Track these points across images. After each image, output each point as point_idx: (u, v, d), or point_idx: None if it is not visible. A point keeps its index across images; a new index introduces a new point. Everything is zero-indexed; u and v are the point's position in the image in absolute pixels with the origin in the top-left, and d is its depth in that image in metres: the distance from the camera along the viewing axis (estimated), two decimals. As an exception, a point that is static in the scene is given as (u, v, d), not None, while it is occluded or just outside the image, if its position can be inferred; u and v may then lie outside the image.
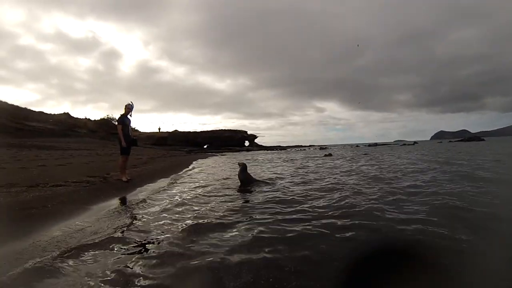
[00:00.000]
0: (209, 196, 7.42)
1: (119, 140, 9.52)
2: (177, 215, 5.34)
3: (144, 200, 6.56)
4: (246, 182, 8.95)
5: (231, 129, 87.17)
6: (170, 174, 13.09)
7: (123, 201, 6.74)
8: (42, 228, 4.28)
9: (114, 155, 18.77)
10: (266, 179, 10.02)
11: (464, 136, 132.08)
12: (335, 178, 10.46)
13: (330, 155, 32.00)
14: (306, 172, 12.77)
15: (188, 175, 13.16)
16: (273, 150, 79.50)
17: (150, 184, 9.71)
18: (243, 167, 9.23)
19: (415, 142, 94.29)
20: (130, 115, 9.81)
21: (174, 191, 8.48)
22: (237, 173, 9.28)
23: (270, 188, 8.39)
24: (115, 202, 6.57)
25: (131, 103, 9.76)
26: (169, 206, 6.08)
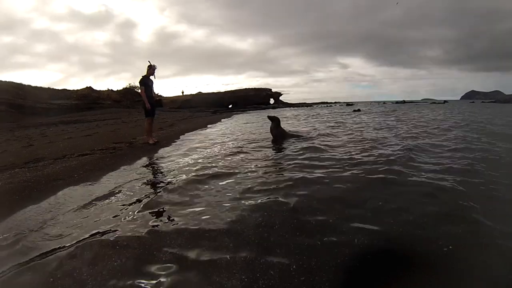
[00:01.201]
0: (242, 148, 7.19)
1: (143, 103, 9.21)
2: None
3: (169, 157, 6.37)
4: (280, 137, 8.50)
5: (255, 87, 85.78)
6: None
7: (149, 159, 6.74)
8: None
9: (139, 121, 18.67)
10: (300, 133, 9.52)
11: (498, 97, 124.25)
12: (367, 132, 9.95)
13: (358, 110, 31.39)
14: (337, 125, 12.48)
15: (216, 131, 12.99)
16: (299, 107, 78.16)
17: (176, 141, 9.63)
18: (276, 122, 8.71)
19: (445, 101, 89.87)
20: (154, 77, 9.41)
21: (204, 145, 8.31)
22: (270, 128, 8.80)
23: (306, 142, 7.93)
24: (140, 161, 6.47)
25: (153, 64, 9.30)
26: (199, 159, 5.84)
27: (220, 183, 4.42)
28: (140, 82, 9.21)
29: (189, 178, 4.67)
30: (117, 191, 4.26)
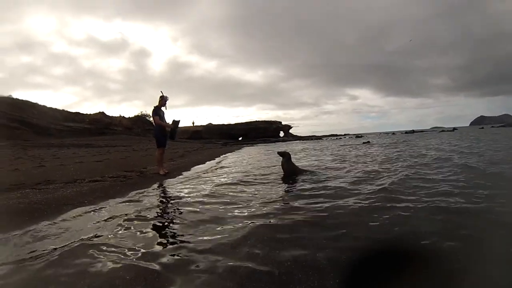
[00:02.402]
0: (251, 183, 7.17)
1: (154, 133, 9.37)
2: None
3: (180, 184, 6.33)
4: (291, 173, 8.45)
5: (265, 120, 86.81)
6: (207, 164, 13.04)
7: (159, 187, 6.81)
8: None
9: (150, 150, 18.89)
10: (310, 169, 9.43)
11: (508, 121, 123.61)
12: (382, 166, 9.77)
13: (368, 142, 31.24)
14: (348, 160, 12.34)
15: (226, 164, 13.02)
16: (308, 140, 78.58)
17: (187, 172, 9.67)
18: (287, 157, 8.71)
19: (454, 129, 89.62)
20: (165, 107, 9.59)
21: (212, 176, 8.32)
22: (281, 163, 8.79)
23: (316, 178, 7.85)
24: (150, 191, 6.44)
25: (165, 95, 9.52)
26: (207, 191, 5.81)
27: (229, 216, 4.38)
28: (153, 112, 9.38)
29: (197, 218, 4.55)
30: (125, 225, 4.18)
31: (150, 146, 21.98)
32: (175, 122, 9.53)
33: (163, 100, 9.42)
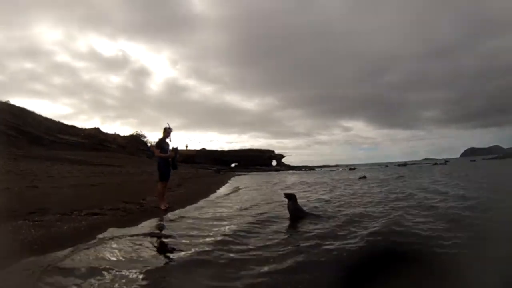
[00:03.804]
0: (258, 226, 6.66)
1: (158, 167, 8.86)
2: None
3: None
4: (297, 216, 8.11)
5: (259, 148, 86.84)
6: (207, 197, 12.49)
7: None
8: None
9: (145, 174, 18.37)
10: (316, 211, 9.02)
11: (497, 153, 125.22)
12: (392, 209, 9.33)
13: (364, 177, 30.37)
14: (350, 199, 11.92)
15: (225, 197, 12.55)
16: (301, 170, 78.56)
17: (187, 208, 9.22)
18: (293, 200, 8.35)
19: (446, 161, 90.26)
20: (170, 139, 9.17)
21: (213, 217, 7.88)
22: (287, 205, 8.40)
23: (326, 225, 7.47)
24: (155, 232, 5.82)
25: (169, 127, 9.11)
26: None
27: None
28: (157, 145, 9.06)
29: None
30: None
31: (144, 168, 21.44)
32: (176, 150, 9.10)
33: (166, 132, 9.01)
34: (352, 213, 8.58)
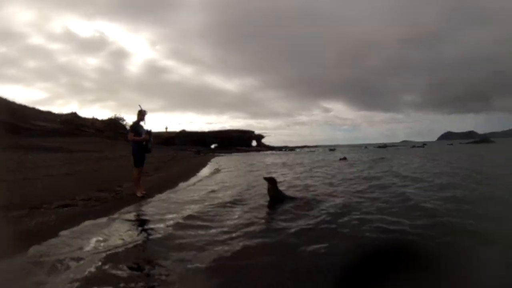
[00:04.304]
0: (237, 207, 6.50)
1: (132, 152, 8.49)
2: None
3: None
4: (277, 200, 8.02)
5: (239, 129, 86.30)
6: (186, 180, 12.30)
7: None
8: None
9: (123, 158, 17.86)
10: (295, 195, 8.90)
11: (472, 137, 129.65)
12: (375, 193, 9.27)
13: (345, 159, 30.33)
14: (332, 182, 11.87)
15: (206, 181, 12.39)
16: (281, 150, 78.83)
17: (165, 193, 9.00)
18: (273, 183, 8.23)
19: (424, 144, 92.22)
20: (144, 122, 8.78)
21: (193, 201, 7.74)
22: (267, 189, 8.28)
23: (305, 207, 7.40)
24: (128, 225, 5.49)
25: (144, 109, 8.68)
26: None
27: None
28: (131, 128, 8.60)
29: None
30: None
31: (124, 153, 20.91)
32: (150, 133, 8.76)
33: (141, 115, 8.57)
34: (332, 200, 8.51)
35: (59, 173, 10.13)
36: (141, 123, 8.64)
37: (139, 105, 8.65)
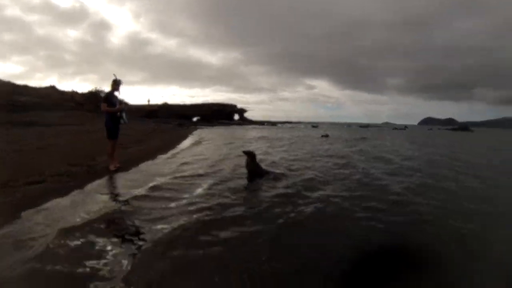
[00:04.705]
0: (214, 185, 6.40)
1: (105, 123, 8.10)
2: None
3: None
4: (255, 173, 7.90)
5: (221, 103, 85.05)
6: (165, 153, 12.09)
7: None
8: None
9: (101, 131, 17.50)
10: (274, 170, 8.79)
11: (451, 124, 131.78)
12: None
13: (327, 136, 30.31)
14: (309, 158, 11.90)
15: (184, 154, 12.26)
16: (263, 125, 78.78)
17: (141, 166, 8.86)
18: (252, 157, 8.07)
19: (405, 127, 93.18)
20: (119, 92, 8.34)
21: (170, 175, 7.72)
22: (245, 162, 8.12)
23: (281, 181, 7.42)
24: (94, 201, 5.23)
25: (118, 79, 8.22)
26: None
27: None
28: (104, 98, 8.16)
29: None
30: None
31: (102, 125, 20.48)
32: (123, 103, 8.40)
33: (116, 85, 8.13)
34: (307, 174, 8.48)
35: (30, 147, 9.62)
36: (116, 93, 8.23)
37: (114, 74, 8.20)
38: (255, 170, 7.98)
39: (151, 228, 4.05)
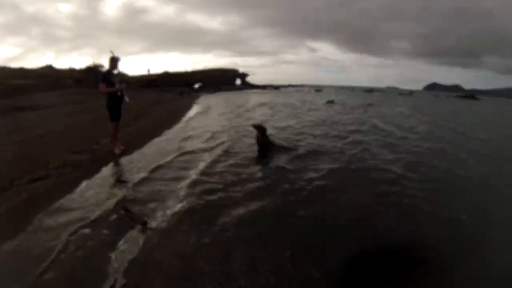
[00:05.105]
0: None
1: (106, 104, 7.69)
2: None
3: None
4: (266, 148, 7.67)
5: (222, 68, 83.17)
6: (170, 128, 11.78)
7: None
8: None
9: (103, 108, 17.09)
10: (285, 144, 8.53)
11: (457, 91, 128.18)
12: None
13: (332, 102, 29.44)
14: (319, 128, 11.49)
15: (190, 127, 12.00)
16: (265, 89, 77.74)
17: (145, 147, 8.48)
18: (262, 131, 7.80)
19: (411, 92, 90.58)
20: (117, 70, 7.87)
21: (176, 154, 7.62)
22: (256, 137, 7.86)
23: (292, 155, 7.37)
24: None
25: (116, 56, 7.64)
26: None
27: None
28: (102, 78, 7.60)
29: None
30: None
31: (103, 101, 19.96)
32: (124, 80, 7.99)
33: (114, 62, 7.61)
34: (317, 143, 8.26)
35: (32, 136, 9.30)
36: (114, 71, 7.77)
37: (111, 51, 7.62)
38: (266, 145, 7.75)
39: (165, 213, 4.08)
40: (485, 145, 10.48)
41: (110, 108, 7.67)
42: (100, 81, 7.51)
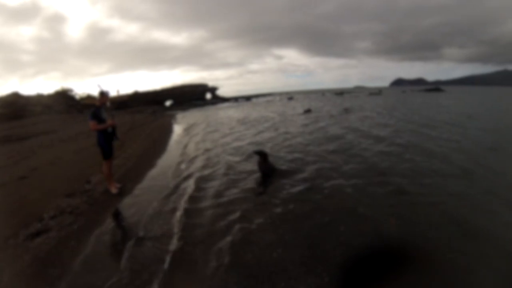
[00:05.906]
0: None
1: (98, 142, 7.08)
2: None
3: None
4: (269, 174, 7.41)
5: (191, 83, 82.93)
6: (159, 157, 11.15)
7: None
8: None
9: (81, 135, 16.14)
10: (285, 167, 8.24)
11: (421, 84, 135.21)
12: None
13: (309, 111, 28.66)
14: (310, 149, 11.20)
15: (180, 155, 11.49)
16: (237, 101, 78.24)
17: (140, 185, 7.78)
18: (264, 157, 7.56)
19: (380, 91, 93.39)
20: (108, 104, 7.33)
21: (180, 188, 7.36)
22: (257, 163, 7.58)
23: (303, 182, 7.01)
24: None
25: (105, 91, 7.04)
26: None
27: None
28: (92, 115, 6.99)
29: None
30: None
31: (77, 127, 19.09)
32: (115, 118, 7.43)
33: (103, 97, 7.02)
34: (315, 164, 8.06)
35: (12, 177, 8.47)
36: (106, 104, 7.22)
37: (98, 85, 7.04)
38: (268, 170, 7.51)
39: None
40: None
41: (102, 146, 7.04)
42: (90, 119, 6.89)
